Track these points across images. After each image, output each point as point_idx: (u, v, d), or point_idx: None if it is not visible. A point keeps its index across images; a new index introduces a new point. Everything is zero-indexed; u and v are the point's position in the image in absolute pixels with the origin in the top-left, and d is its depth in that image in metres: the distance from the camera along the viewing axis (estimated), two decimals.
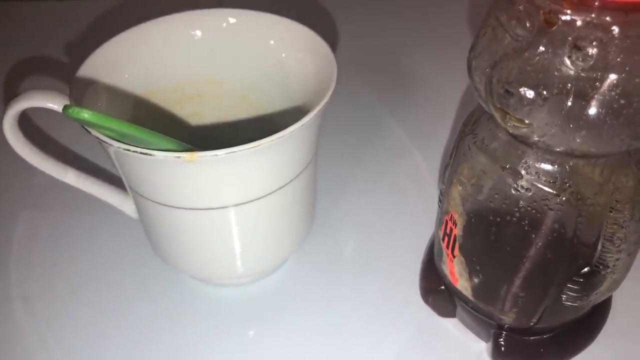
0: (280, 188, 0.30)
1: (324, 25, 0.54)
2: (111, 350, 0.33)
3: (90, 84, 0.31)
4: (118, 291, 0.36)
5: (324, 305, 0.35)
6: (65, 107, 0.24)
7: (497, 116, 0.24)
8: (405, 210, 0.41)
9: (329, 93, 0.29)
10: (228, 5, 0.35)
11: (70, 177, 0.34)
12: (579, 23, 0.21)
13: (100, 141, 0.27)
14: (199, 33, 0.35)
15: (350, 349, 0.33)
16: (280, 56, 0.34)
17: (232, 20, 0.35)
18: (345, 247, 0.39)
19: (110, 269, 0.37)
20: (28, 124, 0.36)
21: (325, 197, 0.40)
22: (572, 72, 0.22)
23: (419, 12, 0.59)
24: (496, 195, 0.27)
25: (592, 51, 0.21)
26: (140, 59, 0.34)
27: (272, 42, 0.35)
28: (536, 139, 0.23)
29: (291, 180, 0.31)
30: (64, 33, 0.56)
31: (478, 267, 0.29)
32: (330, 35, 0.39)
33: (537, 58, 0.22)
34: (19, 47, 0.56)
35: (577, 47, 0.21)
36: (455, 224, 0.29)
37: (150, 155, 0.26)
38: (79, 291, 0.36)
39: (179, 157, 0.26)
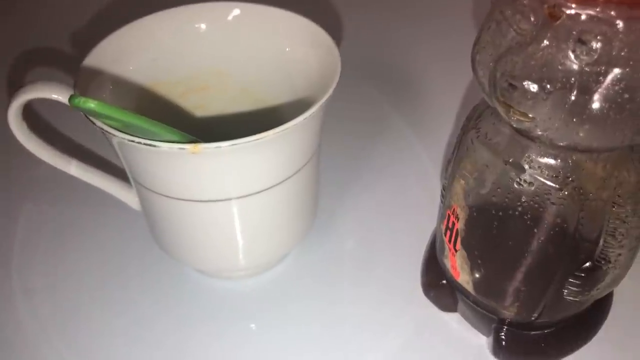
0: (283, 181, 0.30)
1: (328, 19, 0.54)
2: (114, 343, 0.33)
3: (95, 76, 0.31)
4: (120, 284, 0.36)
5: (326, 299, 0.35)
6: (72, 97, 0.24)
7: (501, 110, 0.24)
8: (408, 204, 0.41)
9: (333, 86, 0.29)
10: None
11: (74, 168, 0.34)
12: (583, 17, 0.21)
13: (104, 132, 0.27)
14: (203, 26, 0.35)
15: (352, 343, 0.33)
16: (285, 50, 0.34)
17: (236, 13, 0.35)
18: (347, 241, 0.39)
19: (113, 262, 0.38)
20: (32, 115, 0.36)
21: (327, 191, 0.40)
22: (576, 66, 0.22)
23: (423, 6, 0.59)
24: (499, 189, 0.27)
25: (596, 45, 0.21)
26: (146, 51, 0.34)
27: (276, 35, 0.34)
28: (539, 133, 0.23)
29: (294, 174, 0.31)
30: (69, 24, 0.56)
31: (480, 261, 0.29)
32: (334, 29, 0.39)
33: (541, 52, 0.22)
34: (23, 38, 0.56)
35: (581, 41, 0.21)
36: (457, 218, 0.29)
37: (154, 146, 0.26)
38: (81, 284, 0.36)
39: (183, 148, 0.26)
